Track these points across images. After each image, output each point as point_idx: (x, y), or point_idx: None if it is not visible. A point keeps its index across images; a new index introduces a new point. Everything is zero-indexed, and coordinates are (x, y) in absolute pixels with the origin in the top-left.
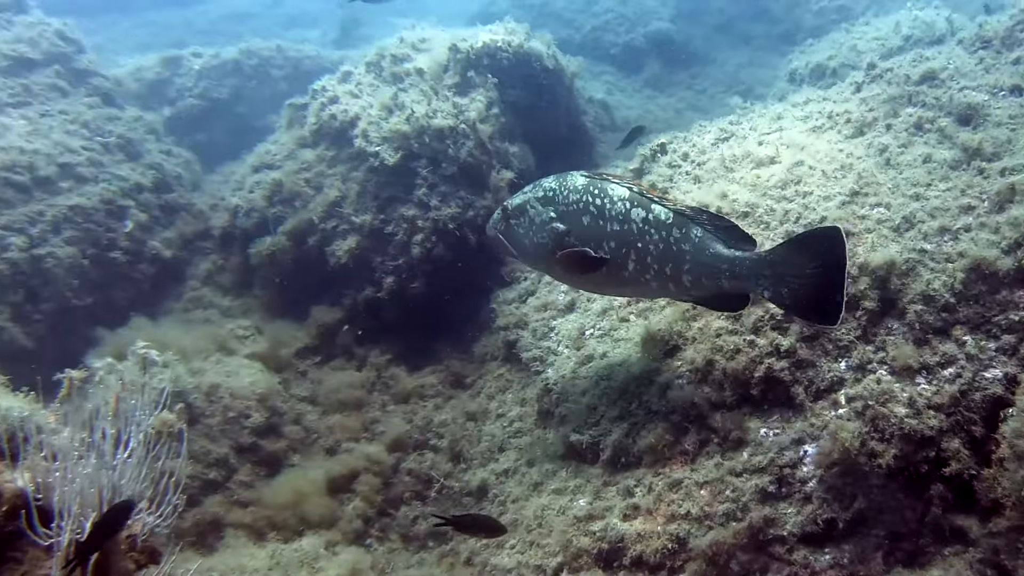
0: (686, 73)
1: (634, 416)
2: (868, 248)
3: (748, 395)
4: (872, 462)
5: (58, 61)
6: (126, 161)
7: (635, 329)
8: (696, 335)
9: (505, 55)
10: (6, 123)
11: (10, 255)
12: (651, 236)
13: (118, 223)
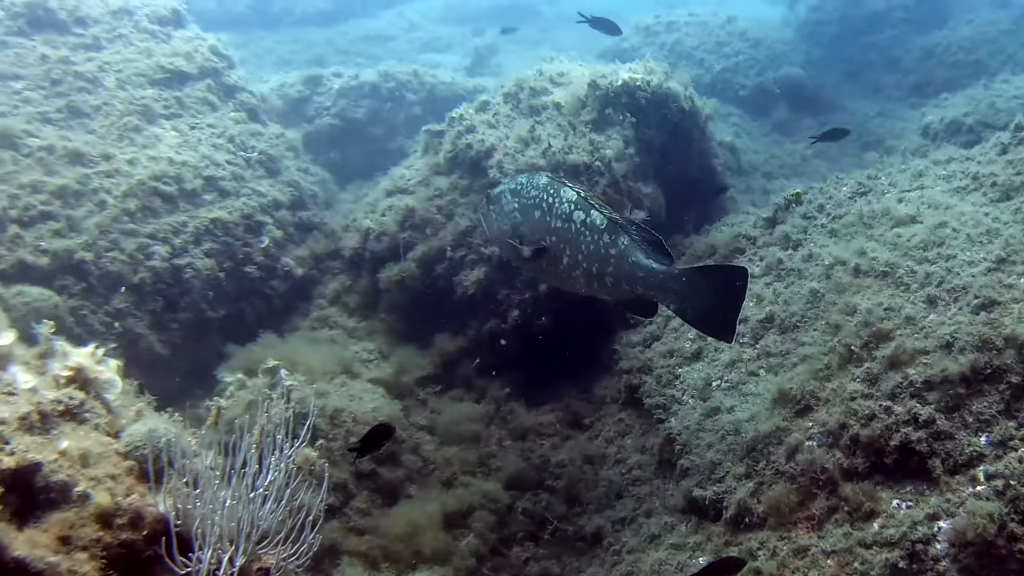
0: (814, 120)
1: (760, 475)
2: (1015, 319)
3: (881, 464)
4: (1011, 546)
5: (210, 76)
6: (266, 177)
7: (765, 385)
8: (829, 396)
9: (643, 94)
10: (158, 134)
11: (153, 263)
12: (585, 237)
13: (255, 238)
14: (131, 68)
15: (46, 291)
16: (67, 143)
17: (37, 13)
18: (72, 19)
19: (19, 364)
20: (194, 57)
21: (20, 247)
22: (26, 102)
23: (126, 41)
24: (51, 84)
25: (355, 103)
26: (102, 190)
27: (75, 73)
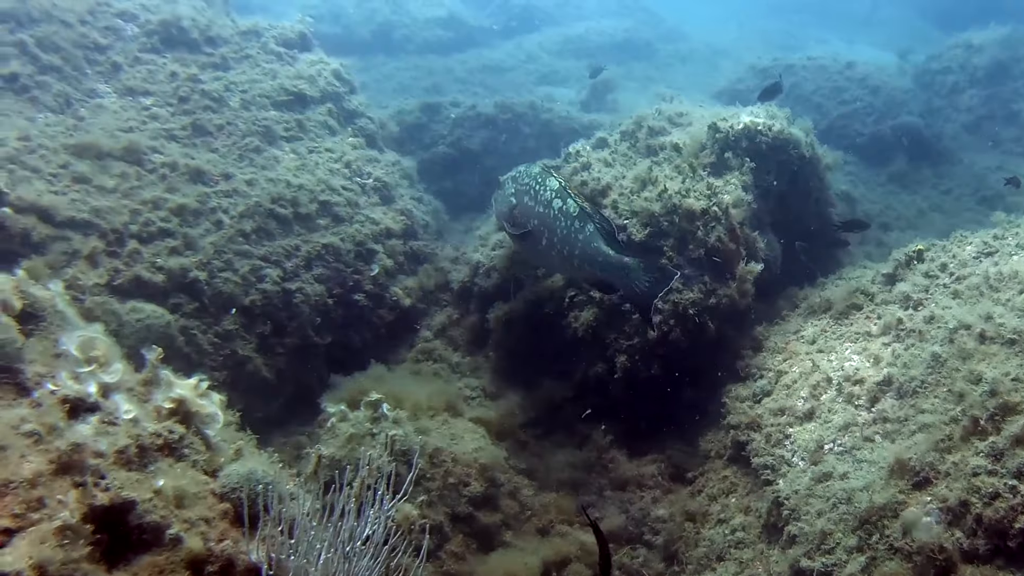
0: (931, 171)
1: (873, 550)
2: None
3: (1004, 547)
4: None
5: (331, 100)
6: (380, 204)
7: (881, 452)
8: (950, 470)
9: (764, 139)
10: (277, 155)
11: (265, 286)
12: (560, 222)
13: (365, 266)
14: (256, 89)
15: (159, 309)
16: (189, 161)
17: (171, 31)
18: (203, 38)
19: (123, 392)
20: (317, 81)
21: (138, 263)
22: (154, 118)
23: (253, 62)
24: (179, 101)
25: (471, 133)
26: (220, 210)
27: (202, 91)
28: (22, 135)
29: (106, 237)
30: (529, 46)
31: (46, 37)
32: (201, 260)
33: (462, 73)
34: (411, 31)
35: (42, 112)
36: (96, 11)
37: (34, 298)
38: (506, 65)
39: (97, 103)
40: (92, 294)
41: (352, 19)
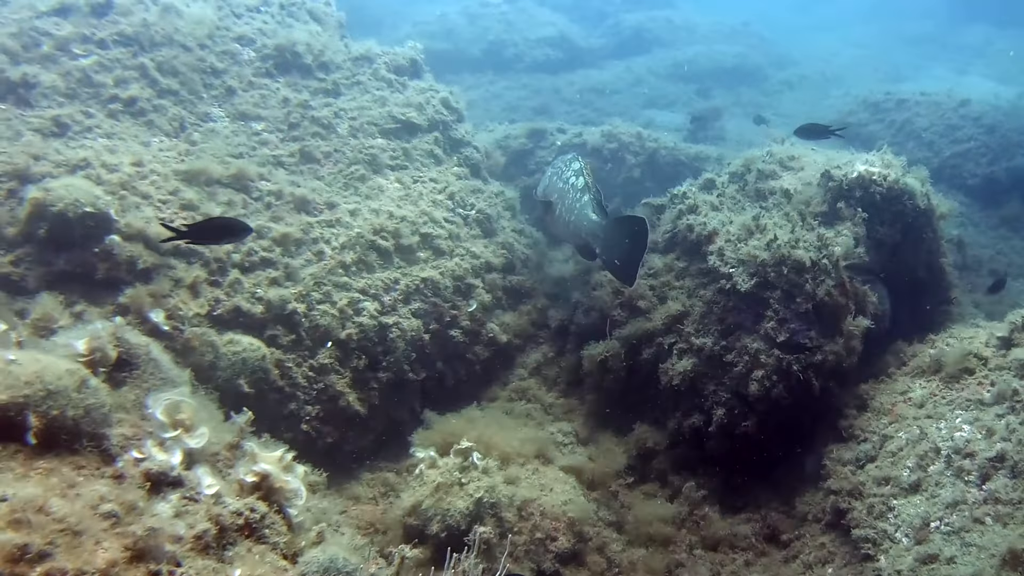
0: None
1: None
2: None
3: None
4: None
5: (438, 128)
6: (481, 237)
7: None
8: None
9: (879, 189)
10: (382, 185)
11: (361, 320)
12: (569, 195)
13: (463, 301)
14: (365, 116)
15: (255, 341)
16: (295, 189)
17: (285, 56)
18: (316, 64)
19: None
20: (425, 109)
21: (238, 293)
22: (263, 144)
23: (363, 88)
24: (288, 128)
25: None
26: (322, 240)
27: (312, 118)
28: (136, 160)
29: (209, 266)
30: (638, 69)
31: (166, 61)
32: (300, 292)
33: (570, 94)
34: (521, 50)
35: (157, 136)
36: (215, 35)
37: (129, 345)
38: (614, 87)
39: (210, 127)
40: (191, 324)
41: (464, 37)
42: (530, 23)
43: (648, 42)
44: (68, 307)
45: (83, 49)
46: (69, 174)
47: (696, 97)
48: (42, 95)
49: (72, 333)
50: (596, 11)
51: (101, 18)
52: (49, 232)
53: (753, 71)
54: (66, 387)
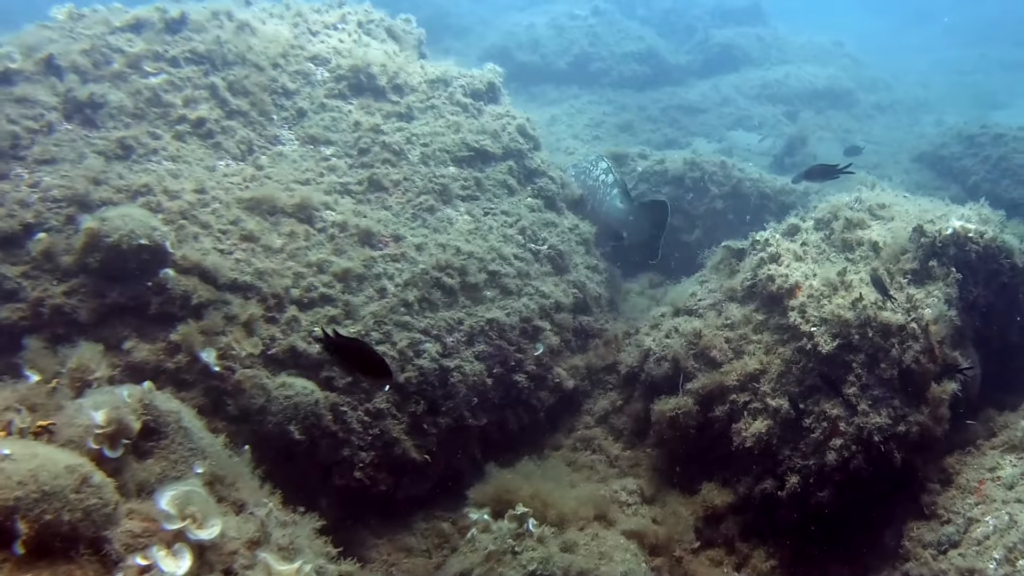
0: None
1: None
2: None
3: None
4: None
5: (513, 157)
6: (552, 275)
7: None
8: None
9: (975, 247)
10: (451, 217)
11: (422, 362)
12: (599, 190)
13: (530, 344)
14: (437, 143)
15: (309, 384)
16: (360, 221)
17: (359, 77)
18: (391, 86)
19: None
20: (500, 137)
21: (295, 331)
22: (331, 170)
23: (437, 113)
24: (358, 153)
25: (656, 189)
26: (385, 276)
27: (383, 144)
28: (198, 187)
29: (266, 302)
30: (725, 88)
31: (237, 81)
32: (360, 331)
33: (655, 111)
34: (607, 64)
35: (223, 159)
36: (289, 55)
37: (158, 413)
38: (700, 106)
39: (278, 151)
40: (244, 365)
41: (550, 49)
42: (617, 37)
43: (737, 60)
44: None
45: (154, 67)
46: (129, 200)
47: (784, 119)
48: (108, 115)
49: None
50: (685, 26)
51: (174, 34)
52: (102, 263)
53: (843, 94)
54: (64, 487)
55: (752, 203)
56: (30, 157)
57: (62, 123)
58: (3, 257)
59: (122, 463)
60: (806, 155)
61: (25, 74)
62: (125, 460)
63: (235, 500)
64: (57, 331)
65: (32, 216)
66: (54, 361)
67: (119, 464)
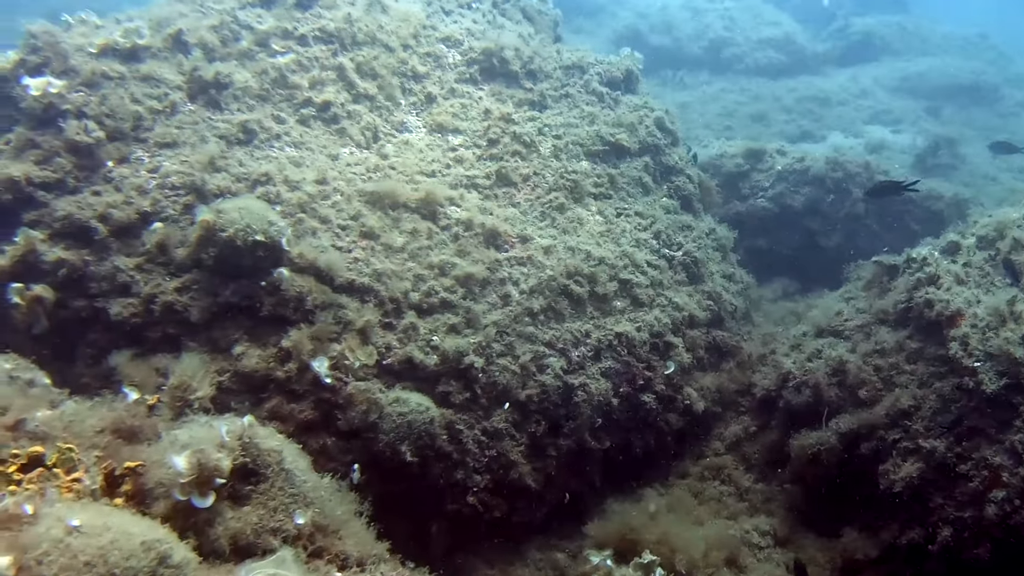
0: None
1: None
2: None
3: None
4: None
5: (649, 153)
6: (686, 284)
7: None
8: None
9: None
10: (582, 217)
11: (544, 378)
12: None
13: (660, 361)
14: (570, 135)
15: (425, 401)
16: (486, 219)
17: (491, 61)
18: (524, 71)
19: None
20: (637, 130)
21: (412, 340)
22: (458, 161)
23: (571, 102)
24: (487, 144)
25: (795, 189)
26: (509, 281)
27: (513, 134)
28: (320, 177)
29: (383, 306)
30: (864, 79)
31: (366, 63)
32: (480, 342)
33: (790, 102)
34: (742, 50)
35: (347, 146)
36: (421, 35)
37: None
38: (837, 98)
39: (404, 139)
40: (357, 377)
41: (684, 32)
42: (754, 22)
43: (877, 49)
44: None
45: (282, 46)
46: (248, 189)
47: (925, 115)
48: (233, 96)
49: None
50: (823, 11)
51: (305, 11)
52: (216, 259)
53: (988, 90)
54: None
55: (895, 208)
56: (151, 139)
57: (186, 103)
58: (119, 247)
59: (215, 512)
60: (951, 156)
61: (152, 50)
62: (218, 508)
63: (338, 552)
64: (167, 330)
65: (149, 204)
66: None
67: (211, 515)
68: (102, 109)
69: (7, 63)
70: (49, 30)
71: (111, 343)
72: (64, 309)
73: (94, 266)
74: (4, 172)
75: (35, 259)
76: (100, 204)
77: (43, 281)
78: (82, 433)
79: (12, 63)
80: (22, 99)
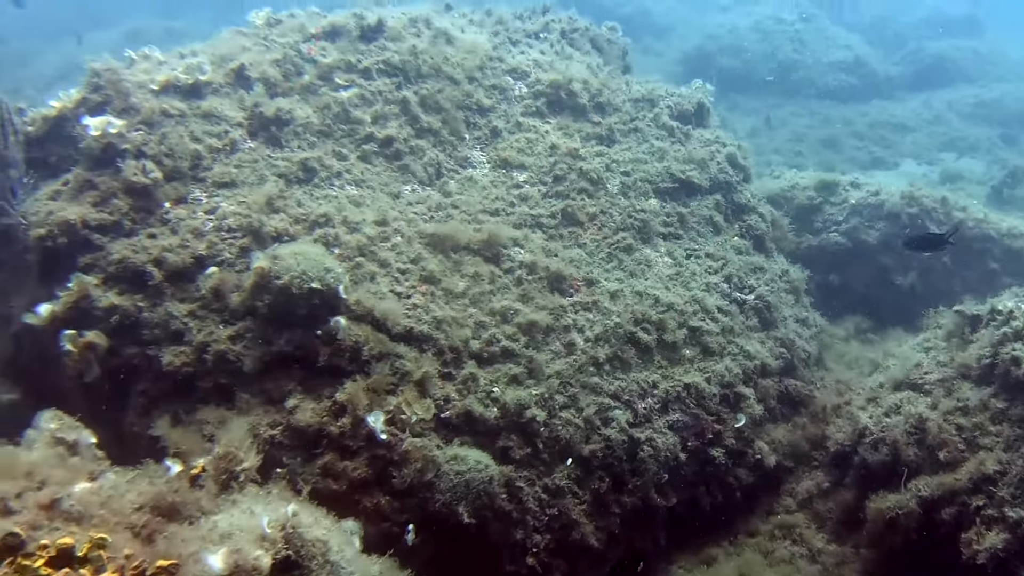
0: None
1: None
2: None
3: None
4: None
5: (720, 190)
6: (758, 330)
7: None
8: None
9: None
10: (650, 258)
11: (610, 432)
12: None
13: (730, 414)
14: (639, 172)
15: (484, 458)
16: (551, 262)
17: (559, 94)
18: (592, 104)
19: None
20: (708, 166)
21: (472, 392)
22: (523, 199)
23: (640, 137)
24: (553, 180)
25: (869, 224)
26: (574, 328)
27: (580, 171)
28: (380, 218)
29: (443, 355)
30: (937, 104)
31: (430, 96)
32: (543, 394)
33: (861, 127)
34: (812, 73)
35: (409, 183)
36: (487, 67)
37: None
38: (909, 124)
39: (468, 175)
40: (413, 433)
41: (753, 54)
42: (824, 44)
43: (950, 74)
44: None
45: (345, 79)
46: (307, 232)
47: (1000, 143)
48: (293, 133)
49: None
50: (894, 35)
51: (369, 43)
52: (271, 307)
53: None
54: None
55: (974, 247)
56: (209, 179)
57: (246, 141)
58: (173, 292)
59: None
60: None
61: (214, 86)
62: None
63: None
64: (219, 380)
65: (205, 247)
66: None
67: None
68: (161, 148)
69: (68, 102)
70: (112, 67)
71: (162, 392)
72: (116, 356)
73: (147, 312)
74: (61, 215)
75: (88, 305)
76: (155, 248)
77: (96, 327)
78: (120, 510)
79: (73, 102)
80: (81, 138)
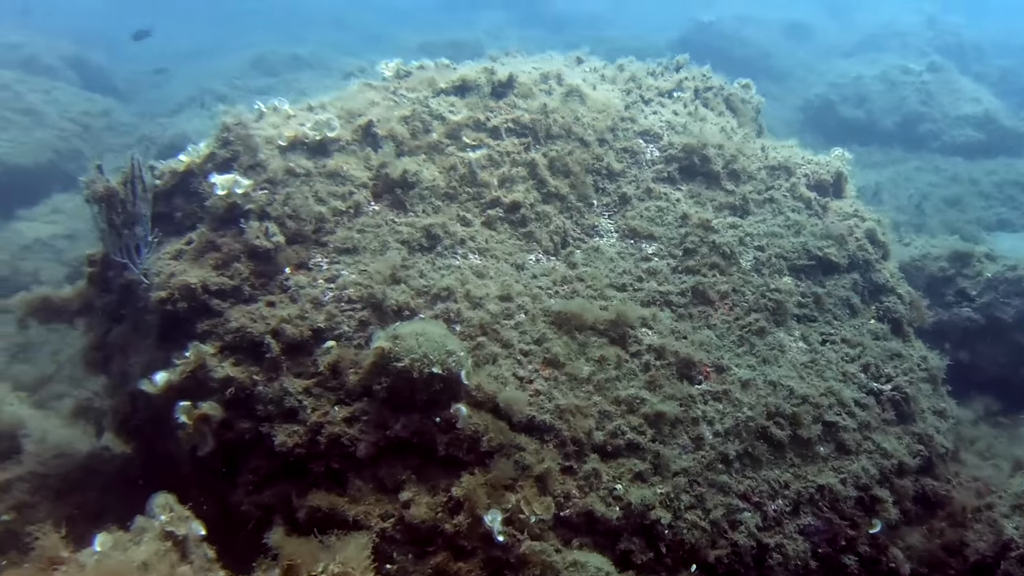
0: None
1: None
2: None
3: None
4: None
5: (858, 269)
6: (896, 424)
7: None
8: None
9: None
10: (783, 343)
11: (737, 536)
12: None
13: (864, 518)
14: (774, 246)
15: (605, 564)
16: (680, 346)
17: (692, 159)
18: (726, 171)
19: None
20: (846, 243)
21: (594, 489)
22: (651, 274)
23: (776, 208)
24: (683, 254)
25: (1005, 299)
26: (703, 420)
27: (712, 244)
28: (504, 293)
29: (564, 447)
30: None
31: (559, 158)
32: (668, 493)
33: (988, 186)
34: (939, 127)
35: (534, 252)
36: (618, 128)
37: None
38: None
39: (594, 244)
40: (532, 535)
41: (878, 105)
42: (952, 97)
43: None
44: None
45: (473, 139)
46: (428, 306)
47: None
48: (419, 196)
49: None
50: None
51: (499, 99)
52: (390, 390)
53: None
54: None
55: None
56: (331, 243)
57: (370, 203)
58: (290, 366)
59: None
60: None
61: (341, 143)
62: None
63: None
64: (332, 464)
65: (324, 319)
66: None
67: None
68: (285, 210)
69: (197, 158)
70: (242, 122)
71: (274, 471)
72: (229, 430)
73: (263, 386)
74: (182, 279)
75: (204, 375)
76: (274, 318)
77: (210, 399)
78: None
79: (202, 158)
80: (208, 196)
